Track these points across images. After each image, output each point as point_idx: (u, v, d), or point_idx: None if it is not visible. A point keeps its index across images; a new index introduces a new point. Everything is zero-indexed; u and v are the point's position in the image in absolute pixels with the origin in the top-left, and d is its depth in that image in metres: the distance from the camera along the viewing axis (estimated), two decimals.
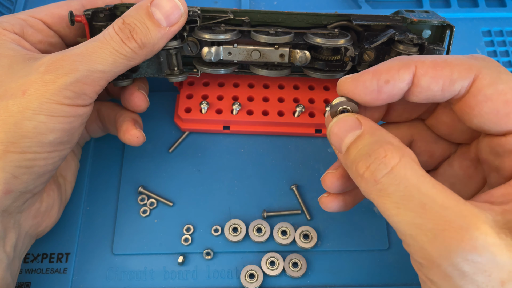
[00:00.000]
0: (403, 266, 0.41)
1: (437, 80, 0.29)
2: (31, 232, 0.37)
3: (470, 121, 0.29)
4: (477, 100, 0.28)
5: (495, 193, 0.28)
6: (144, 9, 0.35)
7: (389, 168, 0.26)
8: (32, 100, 0.32)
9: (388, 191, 0.26)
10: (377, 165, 0.26)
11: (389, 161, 0.26)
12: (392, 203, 0.26)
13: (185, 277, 0.41)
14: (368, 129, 0.29)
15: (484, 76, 0.28)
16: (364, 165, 0.27)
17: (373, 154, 0.27)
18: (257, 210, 0.43)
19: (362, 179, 0.27)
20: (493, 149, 0.30)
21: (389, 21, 0.39)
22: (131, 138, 0.40)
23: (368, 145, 0.28)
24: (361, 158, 0.27)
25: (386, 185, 0.26)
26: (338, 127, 0.30)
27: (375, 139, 0.28)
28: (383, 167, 0.26)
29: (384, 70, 0.29)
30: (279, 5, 0.55)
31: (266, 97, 0.46)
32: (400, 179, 0.26)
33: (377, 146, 0.27)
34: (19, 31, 0.37)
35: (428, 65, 0.29)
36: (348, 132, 0.29)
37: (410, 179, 0.26)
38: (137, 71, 0.40)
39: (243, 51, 0.40)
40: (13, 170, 0.32)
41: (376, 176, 0.26)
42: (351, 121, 0.30)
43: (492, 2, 0.56)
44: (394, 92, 0.30)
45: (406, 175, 0.26)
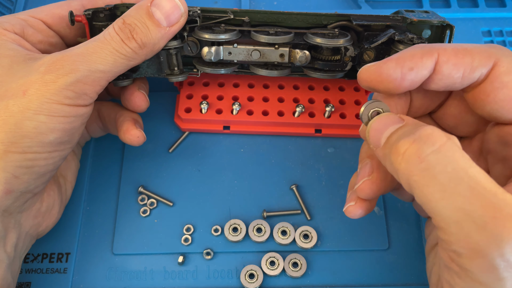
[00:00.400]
0: (403, 266, 0.41)
1: (458, 67, 0.29)
2: (31, 232, 0.37)
3: (482, 108, 0.30)
4: (494, 86, 0.28)
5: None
6: (144, 9, 0.35)
7: (437, 146, 0.25)
8: (32, 100, 0.32)
9: (435, 171, 0.24)
10: (423, 141, 0.25)
11: (436, 139, 0.25)
12: (437, 185, 0.24)
13: (185, 277, 0.41)
14: (410, 121, 0.28)
15: (502, 63, 0.28)
16: (407, 142, 0.25)
17: (417, 132, 0.25)
18: (257, 210, 0.43)
19: (403, 159, 0.25)
20: (502, 138, 0.30)
21: (389, 21, 0.39)
22: (132, 138, 0.40)
23: (411, 127, 0.27)
24: (403, 136, 0.26)
25: (432, 164, 0.24)
26: (378, 122, 0.29)
27: (413, 125, 0.27)
28: (430, 144, 0.25)
29: (408, 57, 0.29)
30: (279, 5, 0.55)
31: (266, 97, 0.46)
32: (449, 159, 0.24)
33: (419, 125, 0.26)
34: (19, 31, 0.37)
35: (450, 52, 0.29)
36: (388, 126, 0.28)
37: (459, 161, 0.24)
38: (137, 71, 0.40)
39: (243, 51, 0.40)
40: (13, 170, 0.32)
41: (421, 153, 0.25)
42: (393, 117, 0.29)
43: (492, 2, 0.56)
44: (417, 80, 0.29)
45: (454, 156, 0.24)
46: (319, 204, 0.44)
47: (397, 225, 0.43)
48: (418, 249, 0.42)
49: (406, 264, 0.41)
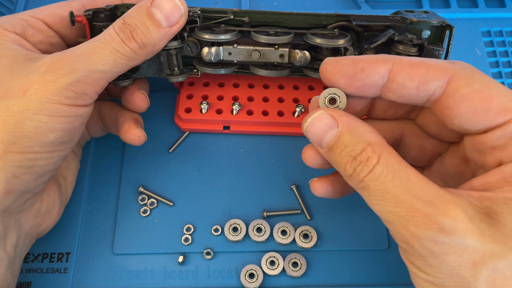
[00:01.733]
0: (403, 266, 0.41)
1: (412, 77, 0.30)
2: (31, 232, 0.37)
3: (451, 122, 0.30)
4: (455, 100, 0.29)
5: (475, 182, 0.29)
6: (145, 9, 0.35)
7: (370, 168, 0.29)
8: (32, 100, 0.32)
9: (370, 187, 0.29)
10: (361, 168, 0.29)
11: (370, 162, 0.29)
12: (373, 196, 0.29)
13: (185, 277, 0.41)
14: (346, 127, 0.30)
15: (459, 77, 0.29)
16: (352, 168, 0.30)
17: (357, 158, 0.29)
18: (257, 210, 0.43)
19: (350, 178, 0.30)
20: (475, 147, 0.31)
21: (388, 22, 0.39)
22: (133, 138, 0.40)
23: (350, 147, 0.30)
24: (347, 160, 0.30)
25: (367, 183, 0.29)
26: (314, 127, 0.32)
27: (356, 140, 0.30)
28: (366, 169, 0.29)
29: (363, 59, 0.31)
30: (279, 6, 0.56)
31: (266, 97, 0.46)
32: (378, 176, 0.28)
33: (359, 149, 0.29)
34: (20, 31, 0.37)
35: (405, 63, 0.30)
36: (326, 132, 0.31)
37: (387, 175, 0.28)
38: (137, 71, 0.40)
39: (243, 51, 0.40)
40: (14, 170, 0.32)
41: (360, 177, 0.29)
42: (326, 119, 0.31)
43: (492, 3, 0.56)
44: (368, 83, 0.31)
45: (383, 172, 0.28)
46: (319, 204, 0.44)
47: None
48: None
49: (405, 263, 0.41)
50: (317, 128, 0.32)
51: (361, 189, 0.30)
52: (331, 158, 0.31)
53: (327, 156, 0.32)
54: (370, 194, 0.29)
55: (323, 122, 0.31)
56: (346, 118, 0.31)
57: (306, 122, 0.32)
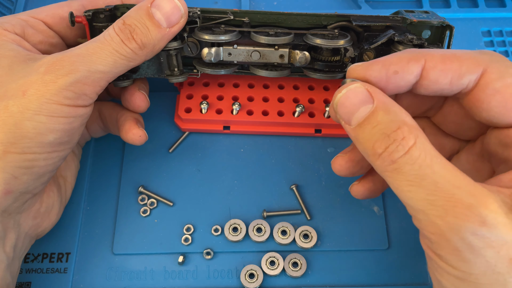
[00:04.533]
0: (403, 266, 0.41)
1: (446, 73, 0.29)
2: (31, 233, 0.37)
3: (479, 114, 0.30)
4: (486, 93, 0.29)
5: (504, 178, 0.29)
6: (145, 9, 0.35)
7: (406, 149, 0.27)
8: (32, 101, 0.32)
9: (404, 170, 0.27)
10: (395, 146, 0.27)
11: (406, 143, 0.27)
12: (406, 181, 0.27)
13: (185, 277, 0.41)
14: (382, 105, 0.29)
15: (492, 70, 0.29)
16: (383, 145, 0.27)
17: (391, 135, 0.27)
18: (257, 210, 0.43)
19: (379, 158, 0.28)
20: (501, 141, 0.30)
21: (388, 22, 0.39)
22: (134, 137, 0.40)
23: (384, 124, 0.28)
24: (379, 137, 0.28)
25: (401, 165, 0.27)
26: (348, 99, 0.29)
27: (391, 118, 0.28)
28: (401, 149, 0.27)
29: (394, 61, 0.30)
30: (279, 6, 0.55)
31: (266, 97, 0.46)
32: (415, 159, 0.27)
33: (395, 127, 0.28)
34: (19, 31, 0.37)
35: (437, 58, 0.30)
36: (359, 106, 0.29)
37: (425, 160, 0.27)
38: (137, 71, 0.40)
39: (243, 52, 0.40)
40: (13, 170, 0.32)
41: (393, 157, 0.27)
42: (362, 94, 0.29)
43: (492, 2, 0.56)
44: (402, 84, 0.30)
45: (421, 155, 0.27)
46: (319, 204, 0.44)
47: (397, 225, 0.43)
48: (418, 249, 0.42)
49: (406, 264, 0.41)
50: (350, 100, 0.29)
51: (391, 172, 0.28)
52: (358, 135, 0.29)
53: (354, 134, 0.29)
54: (403, 178, 0.27)
55: (358, 96, 0.29)
56: (382, 96, 0.29)
57: (340, 93, 0.30)
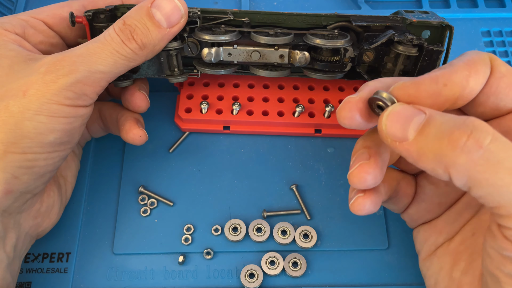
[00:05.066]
0: (403, 266, 0.41)
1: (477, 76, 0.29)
2: (31, 233, 0.37)
3: (485, 101, 0.30)
4: (495, 77, 0.29)
5: None
6: (145, 10, 0.35)
7: (492, 134, 0.24)
8: (32, 101, 0.32)
9: (499, 157, 0.24)
10: (479, 131, 0.24)
11: (487, 128, 0.24)
12: (505, 170, 0.24)
13: (185, 277, 0.41)
14: (434, 112, 0.27)
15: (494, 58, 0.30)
16: (465, 134, 0.24)
17: (469, 123, 0.25)
18: (257, 210, 0.43)
19: (463, 151, 0.24)
20: (503, 128, 0.30)
21: (388, 22, 0.39)
22: (134, 137, 0.40)
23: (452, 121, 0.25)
24: (453, 129, 0.25)
25: (495, 152, 0.24)
26: (399, 114, 0.27)
27: (451, 117, 0.26)
28: (486, 134, 0.24)
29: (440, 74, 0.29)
30: (278, 6, 0.56)
31: (266, 97, 0.46)
32: (506, 145, 0.24)
33: (465, 118, 0.25)
34: (20, 31, 0.37)
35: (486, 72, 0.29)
36: (412, 117, 0.27)
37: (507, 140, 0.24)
38: (137, 71, 0.40)
39: (243, 52, 0.40)
40: (13, 170, 0.32)
41: (482, 143, 0.24)
42: (410, 108, 0.27)
43: (492, 3, 0.56)
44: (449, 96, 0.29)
45: (507, 141, 0.24)
46: (319, 204, 0.44)
47: (397, 225, 0.43)
48: None
49: (406, 264, 0.41)
50: (402, 115, 0.27)
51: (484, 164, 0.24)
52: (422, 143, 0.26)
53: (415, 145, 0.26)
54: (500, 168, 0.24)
55: (408, 110, 0.27)
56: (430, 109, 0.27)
57: (387, 112, 0.28)
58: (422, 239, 0.37)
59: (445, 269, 0.34)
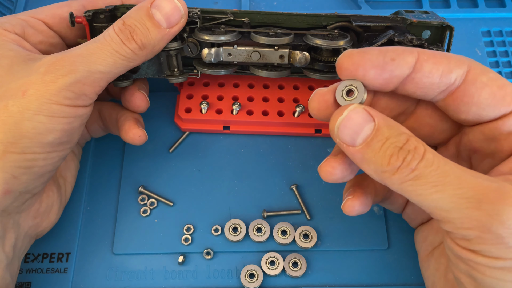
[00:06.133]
0: (403, 266, 0.41)
1: (437, 66, 0.30)
2: (30, 233, 0.37)
3: (467, 110, 0.31)
4: (476, 87, 0.30)
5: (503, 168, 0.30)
6: (145, 10, 0.35)
7: (421, 155, 0.27)
8: (32, 101, 0.32)
9: (425, 174, 0.27)
10: (412, 156, 0.27)
11: (419, 150, 0.28)
12: (429, 183, 0.27)
13: (185, 277, 0.41)
14: (383, 121, 0.29)
15: (475, 67, 0.31)
16: (400, 158, 0.28)
17: (405, 147, 0.28)
18: (257, 210, 0.43)
19: (397, 171, 0.28)
20: (487, 136, 0.31)
21: (388, 22, 0.39)
22: (134, 137, 0.40)
23: (394, 138, 0.28)
24: (393, 152, 0.28)
25: (422, 169, 0.27)
26: (352, 121, 0.29)
27: (396, 132, 0.29)
28: (417, 156, 0.27)
29: (390, 49, 0.30)
30: (279, 6, 0.55)
31: (266, 97, 0.46)
32: (432, 161, 0.27)
33: (404, 139, 0.28)
34: (19, 31, 0.37)
35: (429, 53, 0.30)
36: (362, 126, 0.29)
37: (440, 160, 0.27)
38: (137, 72, 0.40)
39: (243, 52, 0.40)
40: (12, 170, 0.32)
41: (412, 165, 0.27)
42: (363, 113, 0.29)
43: (492, 3, 0.56)
44: (396, 73, 0.30)
45: (435, 158, 0.27)
46: (319, 204, 0.44)
47: (397, 225, 0.43)
48: None
49: (406, 264, 0.41)
50: (353, 121, 0.29)
51: (413, 180, 0.27)
52: (367, 154, 0.29)
53: (361, 155, 0.29)
54: (426, 181, 0.27)
55: (360, 116, 0.29)
56: (379, 113, 0.29)
57: (342, 116, 0.30)
58: (421, 238, 0.38)
59: (441, 270, 0.34)
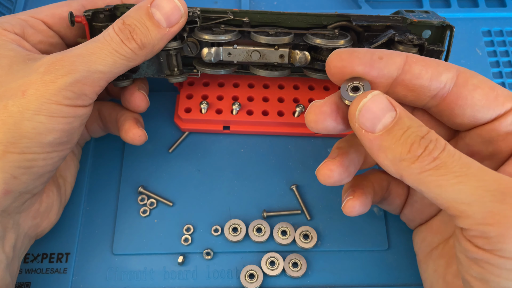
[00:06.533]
0: (403, 266, 0.41)
1: (426, 68, 0.30)
2: (30, 233, 0.37)
3: (462, 113, 0.31)
4: (468, 89, 0.30)
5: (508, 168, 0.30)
6: (144, 9, 0.35)
7: (443, 146, 0.27)
8: (31, 101, 0.32)
9: (447, 163, 0.27)
10: (434, 145, 0.27)
11: (441, 141, 0.28)
12: (451, 174, 0.26)
13: (185, 277, 0.41)
14: (403, 112, 0.29)
15: (465, 71, 0.31)
16: (422, 146, 0.27)
17: (427, 137, 0.28)
18: (257, 210, 0.43)
19: (417, 160, 0.27)
20: (484, 138, 0.31)
21: (389, 22, 0.39)
22: (134, 137, 0.40)
23: (416, 128, 0.28)
24: (415, 140, 0.28)
25: (444, 159, 0.27)
26: (373, 106, 0.29)
27: (418, 123, 0.28)
28: (439, 146, 0.27)
29: (379, 50, 0.31)
30: (279, 6, 0.55)
31: (266, 97, 0.46)
32: (455, 152, 0.27)
33: (425, 130, 0.28)
34: (19, 31, 0.37)
35: (417, 57, 0.31)
36: (385, 112, 0.29)
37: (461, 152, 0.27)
38: (137, 71, 0.40)
39: (243, 52, 0.40)
40: (12, 170, 0.32)
41: (434, 154, 0.27)
42: (384, 101, 0.29)
43: (492, 2, 0.56)
44: (385, 72, 0.30)
45: (455, 149, 0.27)
46: (319, 204, 0.44)
47: (397, 225, 0.43)
48: None
49: (406, 264, 0.41)
50: (375, 108, 0.29)
51: (433, 170, 0.27)
52: (386, 141, 0.28)
53: (379, 140, 0.28)
54: (448, 171, 0.27)
55: (382, 103, 0.29)
56: (398, 104, 0.29)
57: (366, 98, 0.29)
58: (419, 239, 0.38)
59: (439, 272, 0.34)
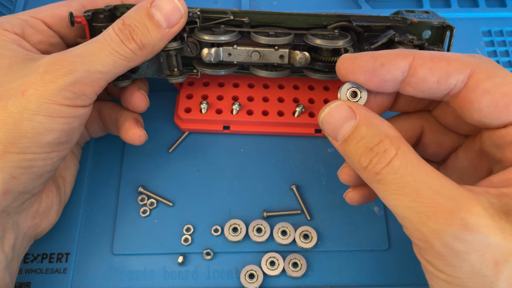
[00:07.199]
0: (403, 266, 0.41)
1: (433, 71, 0.30)
2: (29, 233, 0.37)
3: (470, 116, 0.30)
4: (476, 94, 0.29)
5: (494, 179, 0.29)
6: (144, 10, 0.35)
7: (388, 160, 0.28)
8: (31, 101, 0.32)
9: (387, 180, 0.28)
10: (378, 159, 0.28)
11: (388, 154, 0.28)
12: (390, 190, 0.28)
13: (185, 277, 0.41)
14: (364, 119, 0.30)
15: (481, 71, 0.29)
16: (367, 159, 0.29)
17: (374, 149, 0.29)
18: (257, 210, 0.43)
19: (365, 171, 0.29)
20: (494, 142, 0.31)
21: (389, 22, 0.39)
22: (133, 137, 0.40)
23: (368, 138, 0.29)
24: (363, 152, 0.29)
25: (385, 175, 0.28)
26: (332, 117, 0.31)
27: (373, 132, 0.29)
28: (383, 161, 0.28)
29: (382, 54, 0.31)
30: (279, 6, 0.55)
31: (266, 97, 0.46)
32: (397, 169, 0.28)
33: (377, 140, 0.29)
34: (19, 31, 0.37)
35: (426, 57, 0.30)
36: (343, 122, 0.30)
37: (406, 168, 0.28)
38: (137, 71, 0.40)
39: (243, 52, 0.40)
40: (12, 170, 0.32)
41: (377, 168, 0.28)
42: (344, 110, 0.30)
43: (492, 2, 0.56)
44: (388, 77, 0.30)
45: (402, 165, 0.28)
46: (319, 204, 0.44)
47: (397, 225, 0.43)
48: None
49: (406, 264, 0.41)
50: (334, 118, 0.31)
51: (377, 183, 0.29)
52: (346, 150, 0.30)
53: (342, 150, 0.31)
54: (386, 187, 0.28)
55: (341, 113, 0.30)
56: (364, 111, 0.30)
57: (324, 112, 0.31)
58: None
59: None
